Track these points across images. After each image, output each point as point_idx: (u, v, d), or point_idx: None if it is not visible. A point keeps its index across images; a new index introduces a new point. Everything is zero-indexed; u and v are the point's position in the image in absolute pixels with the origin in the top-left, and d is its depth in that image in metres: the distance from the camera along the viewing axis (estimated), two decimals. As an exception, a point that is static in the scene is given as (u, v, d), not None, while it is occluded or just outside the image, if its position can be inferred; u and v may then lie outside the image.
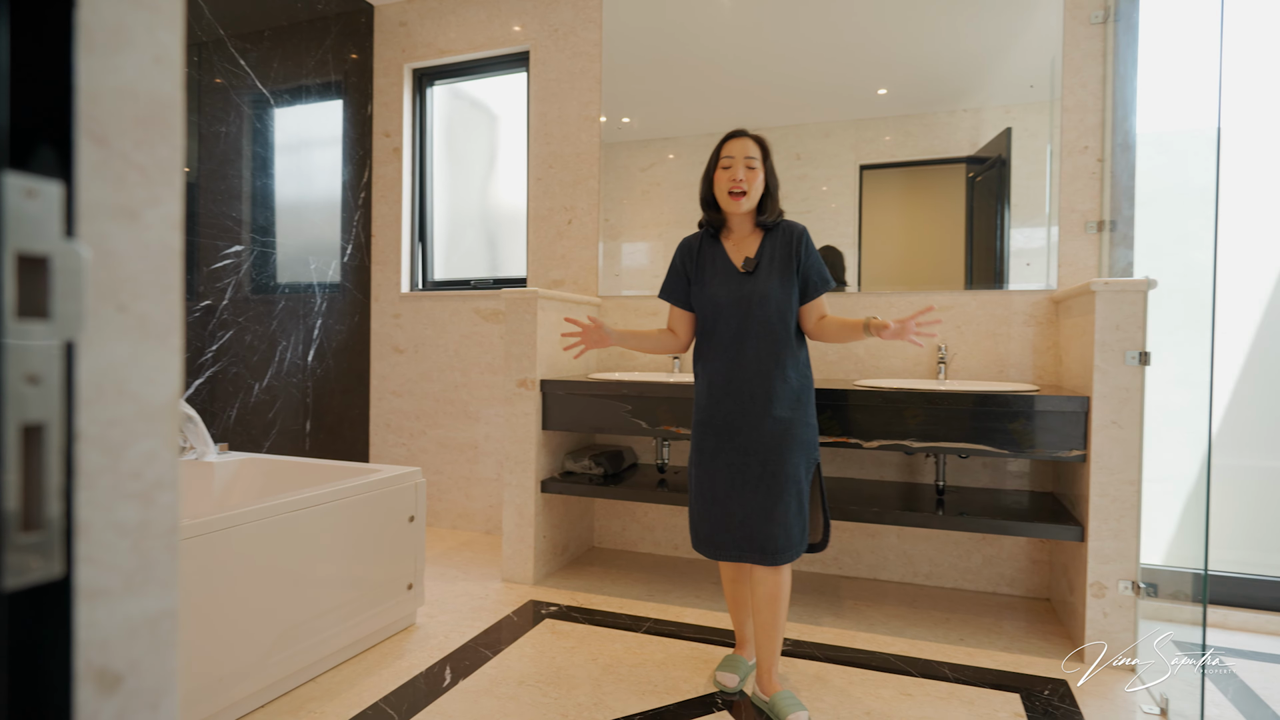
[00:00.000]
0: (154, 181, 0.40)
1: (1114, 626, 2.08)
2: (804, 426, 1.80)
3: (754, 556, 1.78)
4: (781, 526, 1.75)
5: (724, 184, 1.82)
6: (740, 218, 1.87)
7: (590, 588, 2.70)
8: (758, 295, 1.79)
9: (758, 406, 1.77)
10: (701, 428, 1.86)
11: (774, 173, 1.86)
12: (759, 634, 1.84)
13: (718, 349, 1.84)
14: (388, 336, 3.63)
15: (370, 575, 2.11)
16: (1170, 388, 2.44)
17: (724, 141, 1.85)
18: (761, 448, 1.77)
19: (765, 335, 1.79)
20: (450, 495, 3.52)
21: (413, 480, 2.30)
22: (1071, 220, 2.59)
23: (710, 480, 1.82)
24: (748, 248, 1.86)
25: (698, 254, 1.91)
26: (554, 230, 3.31)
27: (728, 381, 1.81)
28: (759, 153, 1.82)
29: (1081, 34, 2.56)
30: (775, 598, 1.80)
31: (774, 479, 1.76)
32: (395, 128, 3.60)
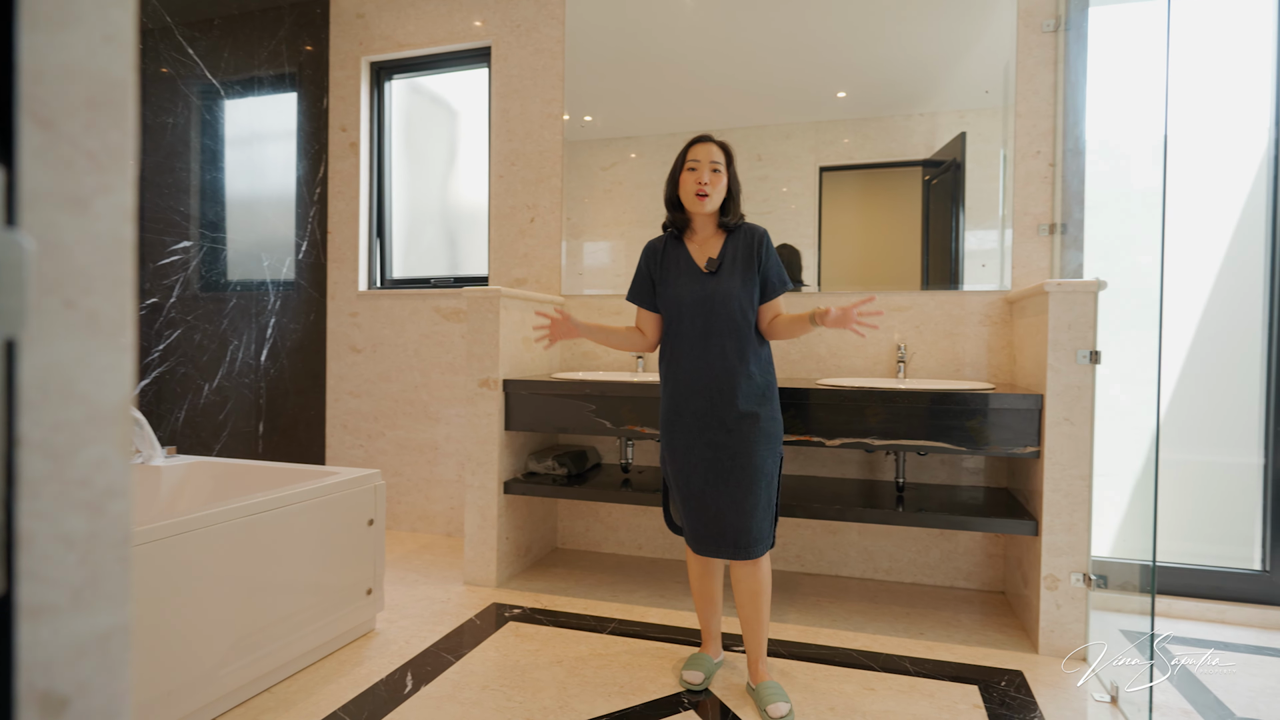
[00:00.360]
0: (104, 168, 0.37)
1: (1066, 617, 2.14)
2: (770, 420, 1.85)
3: (728, 551, 1.83)
4: (753, 520, 1.81)
5: (689, 186, 1.88)
6: (703, 219, 1.93)
7: (554, 589, 2.68)
8: (721, 294, 1.85)
9: (725, 401, 1.82)
10: (670, 426, 1.89)
11: (736, 178, 1.93)
12: (746, 628, 1.91)
13: (684, 347, 1.87)
14: (345, 336, 3.55)
15: (328, 581, 2.06)
16: (1116, 385, 2.52)
17: (690, 145, 1.91)
18: (730, 442, 1.81)
19: (730, 333, 1.84)
20: (410, 497, 3.45)
21: (372, 483, 2.24)
22: (1025, 223, 2.66)
23: (685, 477, 1.86)
24: (711, 249, 1.92)
25: (662, 256, 1.97)
26: (516, 228, 3.27)
27: (695, 379, 1.85)
28: (724, 158, 1.89)
29: (1034, 42, 2.63)
30: (757, 592, 1.87)
31: (744, 472, 1.81)
32: (352, 122, 3.52)
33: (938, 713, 1.81)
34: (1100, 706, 1.87)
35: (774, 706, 1.77)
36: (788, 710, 1.78)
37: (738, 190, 1.93)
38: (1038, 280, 2.62)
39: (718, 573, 1.99)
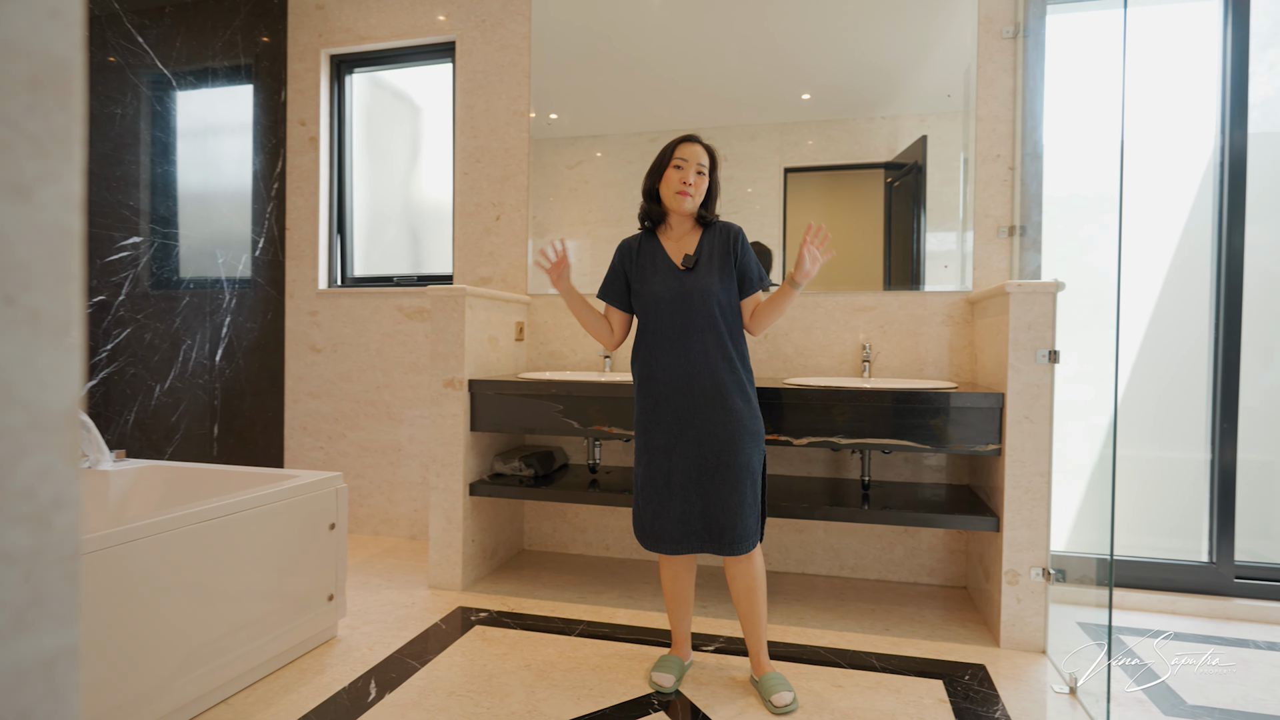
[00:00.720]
0: (49, 154, 0.34)
1: (1027, 611, 2.18)
2: (753, 418, 1.86)
3: (714, 547, 1.84)
4: (739, 516, 1.82)
5: (674, 183, 1.89)
6: (680, 217, 1.95)
7: (521, 592, 2.65)
8: (699, 290, 1.85)
9: (709, 398, 1.82)
10: (650, 426, 1.88)
11: (718, 182, 1.96)
12: (745, 623, 1.93)
13: (663, 345, 1.87)
14: (304, 335, 3.46)
15: (288, 587, 2.00)
16: (1072, 384, 2.59)
17: (679, 142, 1.91)
18: (715, 439, 1.82)
19: (710, 329, 1.84)
20: (372, 500, 3.38)
21: (333, 486, 2.19)
22: (985, 225, 2.71)
23: (665, 476, 1.85)
24: (686, 245, 1.93)
25: (637, 254, 1.96)
26: (481, 226, 3.23)
27: (676, 377, 1.84)
28: (709, 162, 1.91)
29: (994, 47, 2.68)
30: (752, 588, 1.90)
31: (729, 469, 1.82)
32: (311, 116, 3.43)
33: (904, 708, 1.83)
34: (1060, 698, 1.91)
35: (778, 696, 1.82)
36: (791, 699, 1.82)
37: (717, 194, 1.96)
38: (998, 281, 2.67)
39: (690, 576, 1.98)
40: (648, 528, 1.89)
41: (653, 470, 1.87)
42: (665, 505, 1.85)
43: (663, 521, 1.86)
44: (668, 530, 1.86)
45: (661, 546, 1.87)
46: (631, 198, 3.05)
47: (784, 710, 1.80)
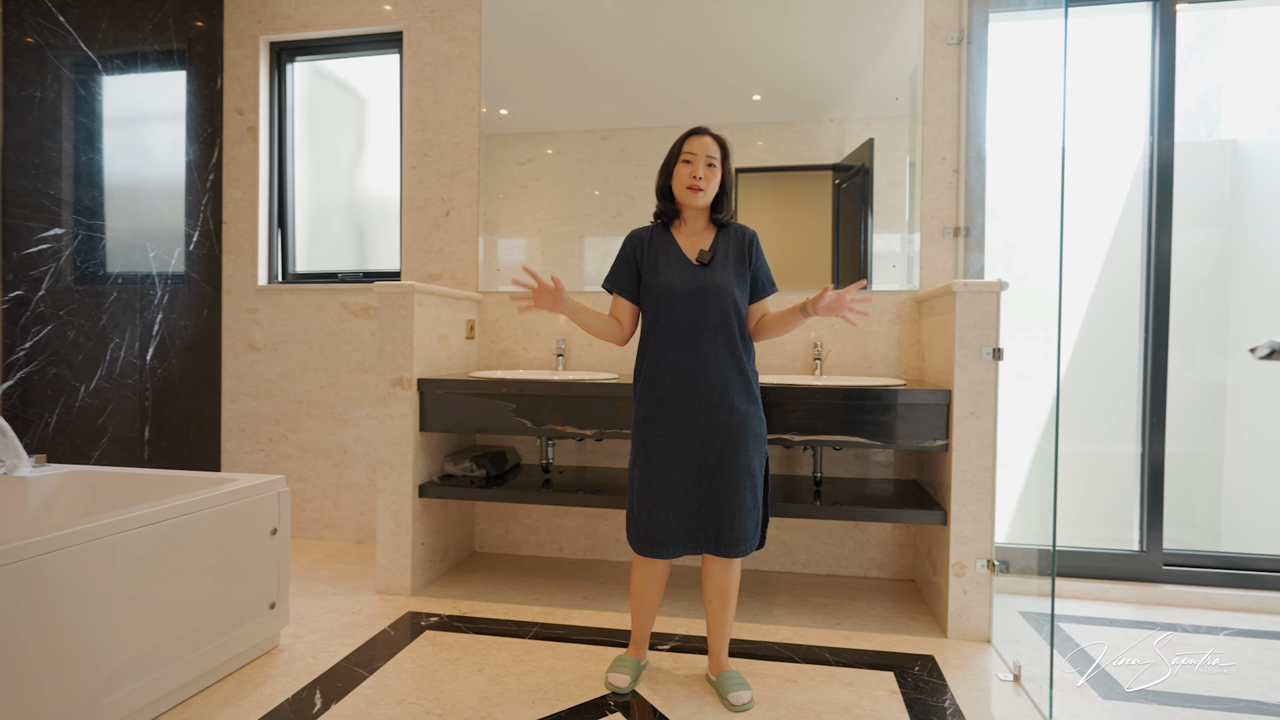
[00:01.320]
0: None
1: (972, 602, 2.24)
2: (757, 420, 1.83)
3: (710, 547, 1.81)
4: (738, 519, 1.78)
5: (684, 178, 1.84)
6: (694, 212, 1.90)
7: (473, 595, 2.59)
8: (714, 286, 1.81)
9: (715, 398, 1.78)
10: (651, 423, 1.82)
11: (730, 173, 1.89)
12: (712, 622, 1.92)
13: (673, 339, 1.81)
14: (242, 333, 3.32)
15: (227, 596, 1.91)
16: (1013, 381, 2.67)
17: (687, 137, 1.86)
18: (719, 439, 1.78)
19: (723, 327, 1.80)
20: (316, 504, 3.27)
21: (275, 489, 2.10)
22: (932, 226, 2.77)
23: (664, 476, 1.79)
24: (701, 242, 1.89)
25: (649, 245, 1.90)
26: (430, 222, 3.15)
27: (684, 373, 1.79)
28: (719, 153, 1.85)
29: (940, 53, 2.75)
30: (727, 589, 1.88)
31: (730, 471, 1.78)
32: (250, 105, 3.30)
33: (858, 700, 1.86)
34: (1004, 685, 1.97)
35: (736, 694, 1.82)
36: (749, 698, 1.82)
37: (731, 186, 1.90)
38: (944, 281, 2.74)
39: (664, 580, 1.93)
40: (644, 532, 1.82)
41: (650, 470, 1.80)
42: (664, 507, 1.79)
43: (660, 524, 1.80)
44: (666, 533, 1.80)
45: (658, 551, 1.81)
46: (583, 195, 3.03)
47: (742, 708, 1.80)
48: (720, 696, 1.86)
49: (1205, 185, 2.97)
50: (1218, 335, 2.96)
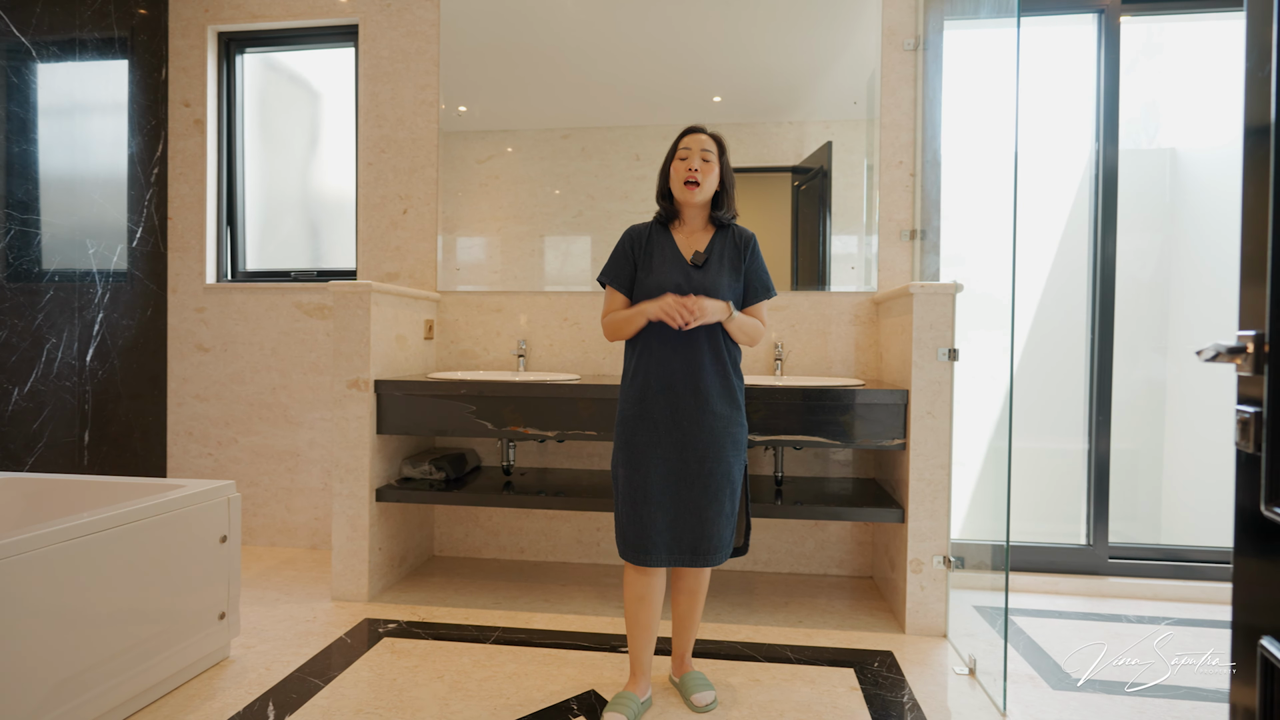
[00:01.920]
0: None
1: (929, 598, 2.29)
2: (739, 426, 1.79)
3: (684, 558, 1.75)
4: (715, 526, 1.75)
5: (680, 174, 1.80)
6: (694, 211, 1.85)
7: (432, 600, 2.55)
8: (708, 288, 1.77)
9: (700, 401, 1.75)
10: (634, 422, 1.77)
11: (729, 169, 1.85)
12: (678, 623, 1.89)
13: (663, 340, 1.77)
14: (189, 333, 3.20)
15: (173, 606, 1.84)
16: (966, 380, 2.73)
17: (682, 135, 1.83)
18: (700, 445, 1.74)
19: (713, 330, 1.78)
20: (268, 509, 3.17)
21: (224, 495, 2.03)
22: (889, 229, 2.82)
23: (644, 478, 1.74)
24: (698, 242, 1.85)
25: (647, 241, 1.86)
26: (388, 220, 3.08)
27: (672, 374, 1.75)
28: (715, 148, 1.82)
29: (896, 59, 2.80)
30: (697, 591, 1.87)
31: (710, 477, 1.74)
32: (197, 97, 3.18)
33: (819, 698, 1.88)
34: (960, 679, 2.01)
35: (699, 695, 1.82)
36: (712, 698, 1.82)
37: (731, 183, 1.85)
38: (901, 282, 2.79)
39: (660, 596, 1.81)
40: (625, 534, 1.76)
41: (632, 470, 1.76)
42: (645, 510, 1.73)
43: (640, 528, 1.73)
44: (645, 539, 1.73)
45: (639, 557, 1.74)
46: (544, 194, 3.00)
47: (705, 709, 1.80)
48: (684, 698, 1.86)
49: (1147, 192, 3.09)
50: (1158, 336, 3.08)
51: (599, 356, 2.96)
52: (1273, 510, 0.79)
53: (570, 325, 2.96)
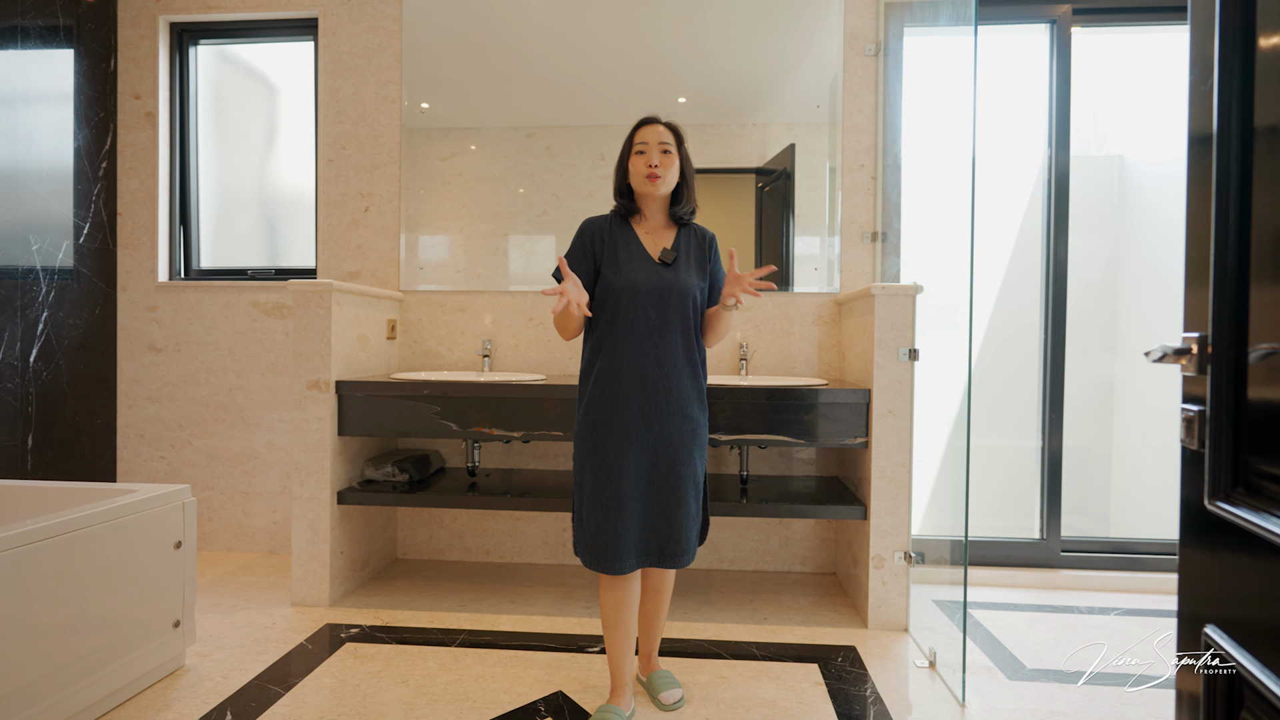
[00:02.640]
0: None
1: (891, 593, 2.34)
2: (704, 428, 1.78)
3: (654, 560, 1.73)
4: (684, 529, 1.73)
5: (640, 169, 1.74)
6: (655, 207, 1.80)
7: (396, 604, 2.51)
8: (679, 287, 1.73)
9: (672, 404, 1.71)
10: (602, 427, 1.71)
11: (689, 160, 1.80)
12: (644, 622, 1.88)
13: (635, 341, 1.70)
14: (140, 333, 3.10)
15: (126, 615, 1.78)
16: (924, 379, 2.79)
17: (637, 128, 1.77)
18: (671, 447, 1.71)
19: (682, 329, 1.73)
20: (224, 513, 3.09)
21: (179, 500, 1.97)
22: (851, 230, 2.87)
23: (615, 485, 1.69)
24: (662, 239, 1.80)
25: (608, 236, 1.78)
26: (349, 218, 3.03)
27: (643, 377, 1.70)
28: (673, 139, 1.76)
29: (858, 64, 2.84)
30: (663, 591, 1.87)
31: (680, 480, 1.72)
32: (148, 89, 3.09)
33: (785, 694, 1.91)
34: (921, 671, 2.06)
35: (666, 694, 1.82)
36: (679, 696, 1.83)
37: (691, 174, 1.80)
38: (863, 284, 2.84)
39: (637, 598, 1.78)
40: (593, 544, 1.70)
41: (602, 477, 1.69)
42: (615, 517, 1.68)
43: (611, 536, 1.68)
44: (616, 546, 1.68)
45: (610, 565, 1.68)
46: (508, 193, 2.98)
47: (672, 707, 1.81)
48: (651, 696, 1.87)
49: (1096, 196, 3.20)
50: (1107, 336, 3.19)
51: (565, 357, 2.95)
52: (1216, 505, 0.83)
53: (536, 325, 2.95)
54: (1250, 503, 0.79)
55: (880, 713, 1.83)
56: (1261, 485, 0.78)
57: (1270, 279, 0.79)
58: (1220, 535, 0.85)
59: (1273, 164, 0.79)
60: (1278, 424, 0.76)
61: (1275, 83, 0.79)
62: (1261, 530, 0.74)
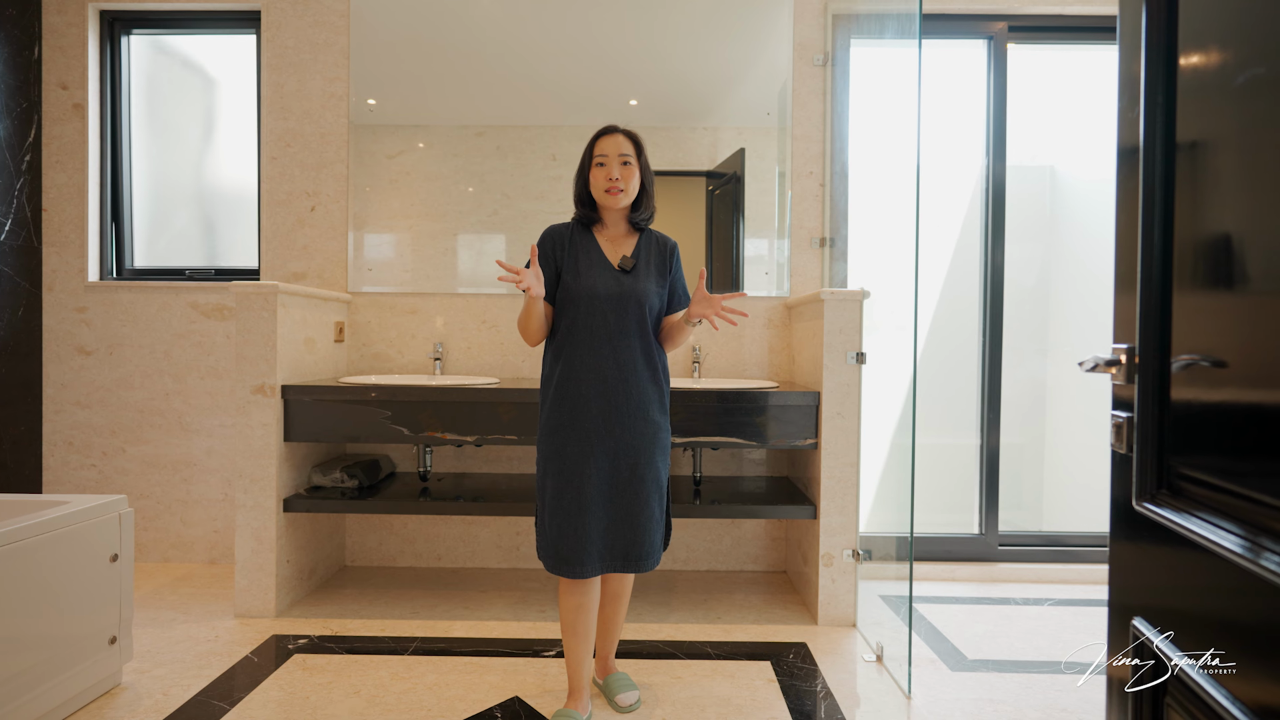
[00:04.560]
0: None
1: (840, 590, 2.40)
2: (666, 432, 1.80)
3: (618, 565, 1.73)
4: (647, 532, 1.74)
5: (600, 182, 1.75)
6: (615, 216, 1.82)
7: (345, 612, 2.46)
8: (637, 294, 1.75)
9: (632, 407, 1.72)
10: (563, 431, 1.72)
11: (649, 169, 1.82)
12: (602, 626, 1.90)
13: (593, 346, 1.72)
14: (68, 335, 2.96)
15: (58, 632, 1.70)
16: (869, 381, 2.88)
17: (597, 138, 1.77)
18: (632, 451, 1.72)
19: (640, 335, 1.75)
20: (161, 522, 2.97)
21: (115, 511, 1.89)
22: (800, 236, 2.93)
23: (576, 489, 1.70)
24: (623, 246, 1.82)
25: (569, 244, 1.79)
26: (294, 217, 2.95)
27: (603, 381, 1.71)
28: (633, 149, 1.77)
29: (807, 73, 2.91)
30: (622, 595, 1.89)
31: (642, 483, 1.73)
32: (76, 79, 2.94)
33: (739, 692, 1.94)
34: (869, 666, 2.12)
35: (623, 696, 1.84)
36: (636, 698, 1.85)
37: (650, 183, 1.82)
38: (812, 288, 2.90)
39: (597, 602, 1.79)
40: (555, 548, 1.71)
41: (562, 482, 1.71)
42: (577, 521, 1.69)
43: (574, 540, 1.69)
44: (579, 550, 1.69)
45: (573, 570, 1.69)
46: (457, 192, 2.95)
47: (629, 709, 1.83)
48: (608, 699, 1.88)
49: (1030, 205, 3.34)
50: (1040, 338, 3.34)
51: (518, 360, 2.93)
52: (1143, 506, 0.88)
53: (489, 328, 2.93)
54: (1173, 504, 0.85)
55: (830, 707, 1.88)
56: (1184, 487, 0.84)
57: (1190, 291, 0.85)
58: (1147, 533, 0.91)
59: (1192, 178, 0.85)
60: (1198, 430, 0.82)
61: (1195, 99, 0.85)
62: (1183, 529, 0.80)
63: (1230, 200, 0.78)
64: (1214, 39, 0.81)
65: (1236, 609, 0.75)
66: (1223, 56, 0.79)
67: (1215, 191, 0.81)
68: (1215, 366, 0.79)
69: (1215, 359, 0.79)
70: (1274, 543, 0.68)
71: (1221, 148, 0.80)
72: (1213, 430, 0.80)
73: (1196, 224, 0.84)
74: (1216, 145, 0.81)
